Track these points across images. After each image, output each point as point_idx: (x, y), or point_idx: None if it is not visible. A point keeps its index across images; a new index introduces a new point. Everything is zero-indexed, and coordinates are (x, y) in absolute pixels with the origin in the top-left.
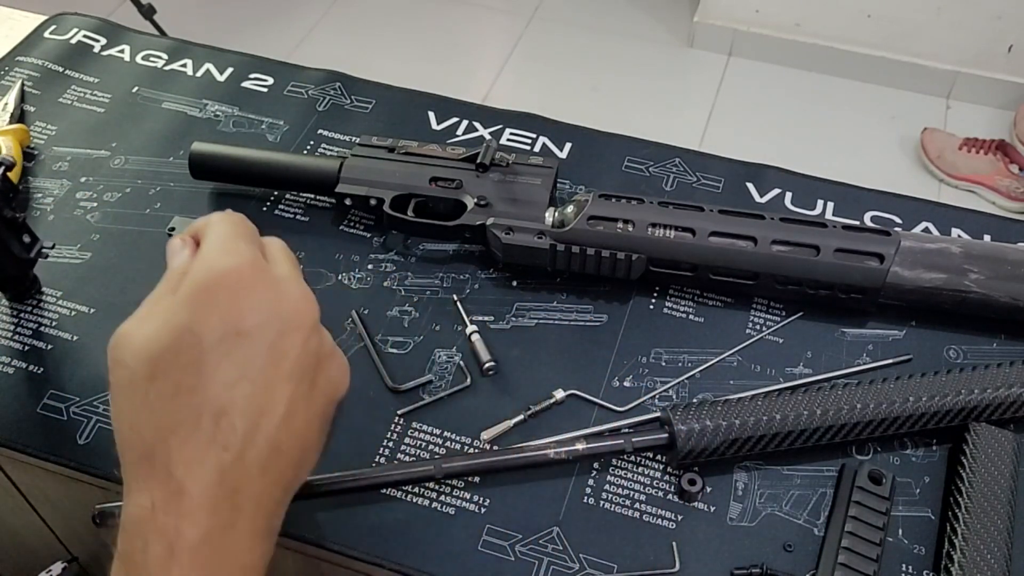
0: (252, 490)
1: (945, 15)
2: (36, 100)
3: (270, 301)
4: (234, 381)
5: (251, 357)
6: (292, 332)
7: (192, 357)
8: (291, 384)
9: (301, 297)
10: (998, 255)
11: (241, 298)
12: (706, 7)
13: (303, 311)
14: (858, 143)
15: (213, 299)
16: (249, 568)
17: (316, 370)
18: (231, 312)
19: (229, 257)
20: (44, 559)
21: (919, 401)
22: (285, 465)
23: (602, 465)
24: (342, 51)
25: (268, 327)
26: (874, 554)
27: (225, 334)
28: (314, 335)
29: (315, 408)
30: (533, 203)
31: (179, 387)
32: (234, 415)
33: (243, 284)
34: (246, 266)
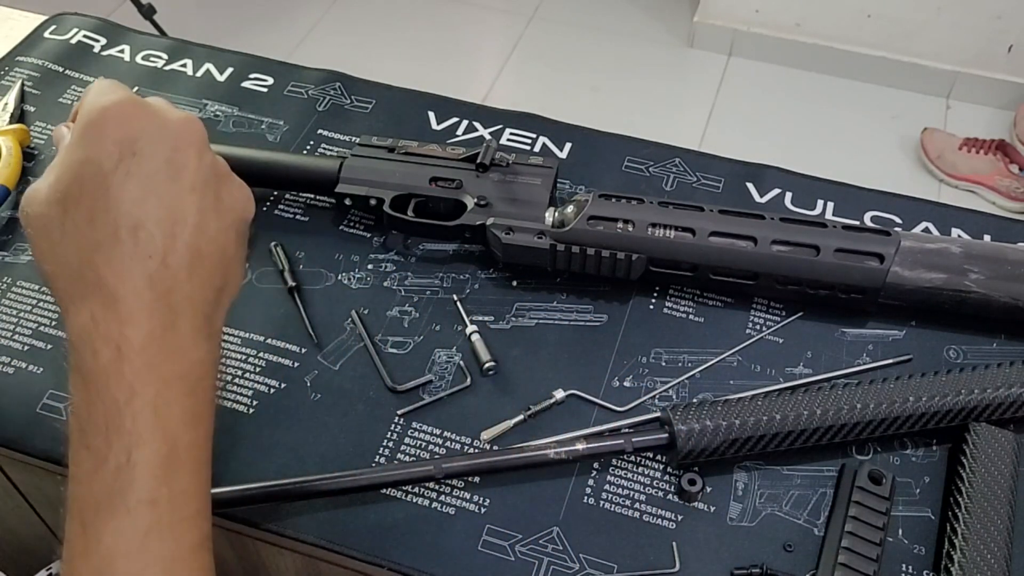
0: (183, 291)
1: (945, 15)
2: (36, 100)
3: (157, 124)
4: (141, 197)
5: (151, 173)
6: (184, 148)
7: (97, 183)
8: (196, 195)
9: (185, 118)
10: (998, 255)
11: (129, 124)
12: (706, 7)
13: (190, 129)
14: (858, 143)
15: (103, 131)
16: (199, 363)
17: (217, 184)
18: (123, 137)
19: (108, 96)
20: (44, 559)
21: (919, 401)
22: (211, 267)
23: (602, 465)
24: (342, 51)
25: (161, 145)
26: (874, 554)
27: (122, 156)
28: (206, 152)
29: (225, 220)
30: (533, 203)
31: (92, 212)
32: (150, 226)
33: (127, 113)
34: (126, 100)
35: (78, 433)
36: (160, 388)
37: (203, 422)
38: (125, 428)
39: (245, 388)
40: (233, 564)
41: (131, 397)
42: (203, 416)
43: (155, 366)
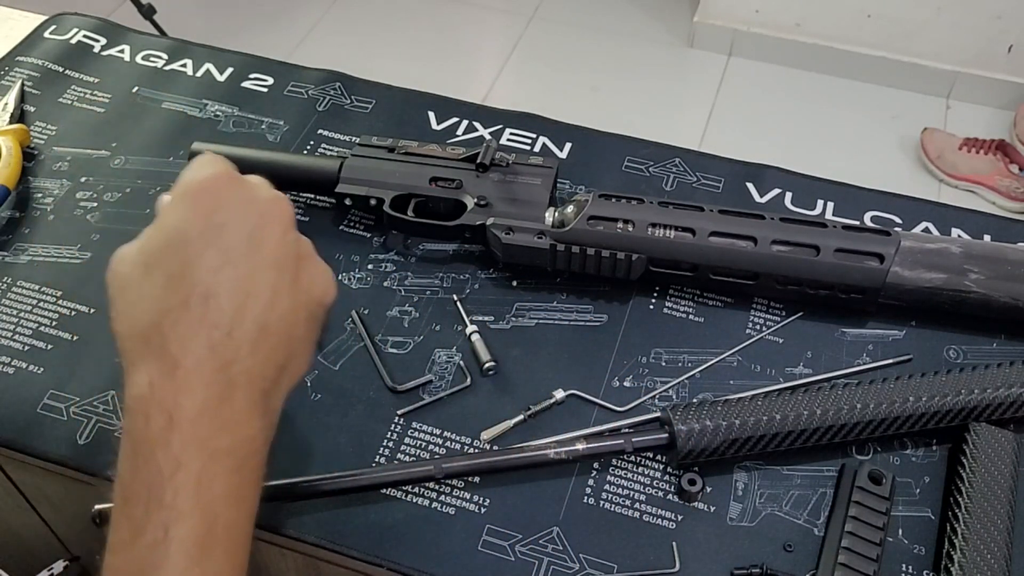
0: (244, 365)
1: (945, 15)
2: (36, 100)
3: (246, 199)
4: (218, 266)
5: (232, 245)
6: (269, 224)
7: (179, 249)
8: (273, 271)
9: (275, 197)
10: (998, 255)
11: (219, 197)
12: (706, 7)
13: (277, 207)
14: (858, 143)
15: (194, 202)
16: (248, 440)
17: (297, 264)
18: (211, 208)
19: (206, 170)
20: (44, 559)
21: (919, 401)
22: (275, 344)
23: (602, 465)
24: (342, 51)
25: (246, 219)
26: (874, 554)
27: (207, 227)
28: (291, 232)
29: (299, 299)
30: (533, 203)
31: (169, 276)
32: (221, 297)
33: (219, 187)
34: (222, 175)
35: (120, 501)
36: (206, 462)
37: (246, 501)
38: (165, 502)
39: None
40: None
41: (176, 470)
42: (247, 495)
43: (204, 439)
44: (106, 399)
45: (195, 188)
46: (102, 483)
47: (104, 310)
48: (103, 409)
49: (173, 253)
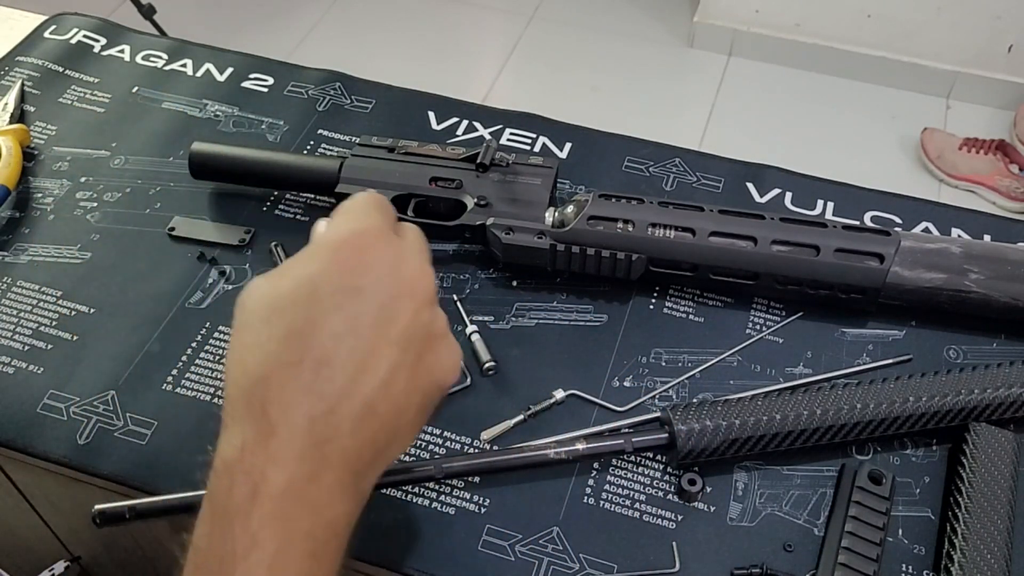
0: (341, 444)
1: (945, 15)
2: (36, 100)
3: (389, 264)
4: (341, 333)
5: (361, 314)
6: (405, 298)
7: (306, 304)
8: (396, 350)
9: (420, 269)
10: (998, 255)
11: (362, 257)
12: (706, 7)
13: (420, 281)
14: (858, 143)
15: (336, 255)
16: (331, 523)
17: (424, 344)
18: (351, 268)
19: (358, 222)
20: (44, 559)
21: (919, 401)
22: (378, 427)
23: (602, 465)
24: (342, 51)
25: (382, 288)
26: (874, 554)
27: (341, 287)
28: (427, 309)
29: (417, 382)
30: (533, 203)
31: (289, 329)
32: (335, 367)
33: (367, 245)
34: (373, 230)
35: (192, 567)
36: (282, 545)
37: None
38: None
39: None
40: None
41: (250, 548)
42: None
43: (285, 518)
44: (106, 399)
45: (342, 241)
46: (102, 483)
47: (104, 309)
48: (103, 409)
49: (300, 306)
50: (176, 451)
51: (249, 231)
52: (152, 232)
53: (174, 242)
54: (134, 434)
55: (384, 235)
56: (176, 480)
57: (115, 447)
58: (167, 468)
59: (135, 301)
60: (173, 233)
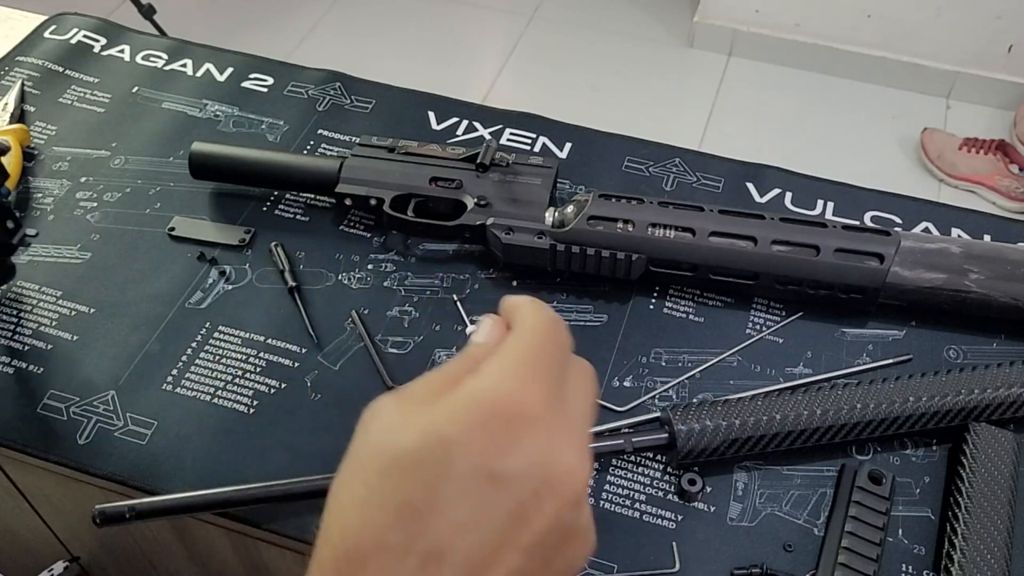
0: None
1: (945, 15)
2: (36, 100)
3: (542, 451)
4: (464, 525)
5: (494, 507)
6: (550, 498)
7: (432, 476)
8: (521, 557)
9: (577, 460)
10: (998, 255)
11: (513, 434)
12: (706, 7)
13: (572, 477)
14: (858, 143)
15: (482, 422)
16: None
17: (557, 549)
18: (495, 445)
19: (522, 384)
20: (44, 559)
21: (919, 401)
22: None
23: (602, 465)
24: (342, 51)
25: (526, 481)
26: (874, 554)
27: (478, 468)
28: (572, 508)
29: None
30: (533, 203)
31: (405, 501)
32: (445, 565)
33: (523, 420)
34: (536, 403)
35: None
36: None
37: None
38: None
39: (245, 388)
40: (234, 564)
41: None
42: None
43: None
44: (106, 399)
45: (493, 405)
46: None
47: (104, 309)
48: (103, 409)
49: (425, 476)
50: (176, 451)
51: (249, 231)
52: (152, 232)
53: (174, 242)
54: (134, 434)
55: (546, 408)
56: (176, 480)
57: (115, 447)
58: (167, 468)
59: (135, 301)
60: (173, 233)
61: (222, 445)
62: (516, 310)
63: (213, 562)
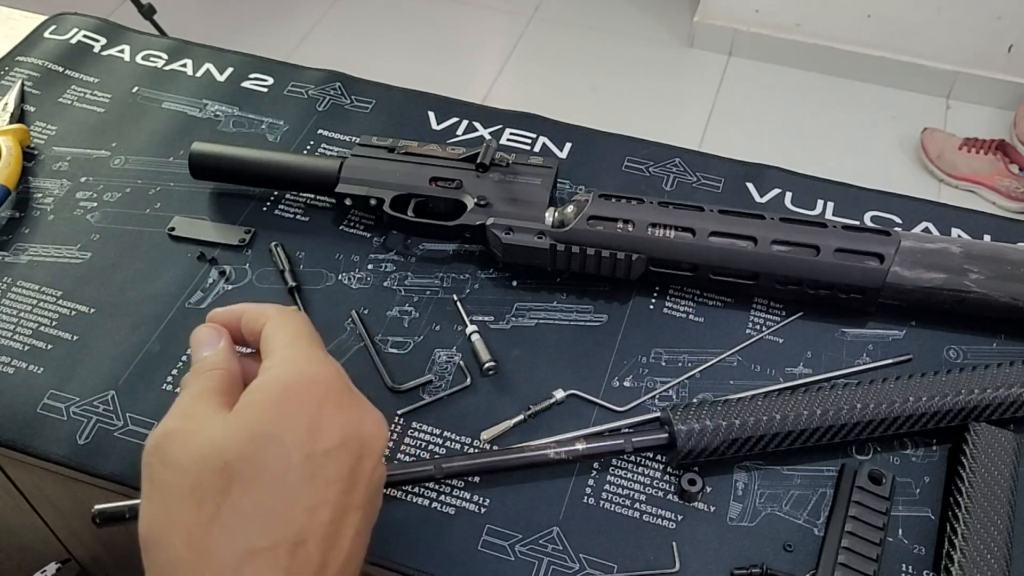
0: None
1: (945, 15)
2: (36, 100)
3: (354, 423)
4: (314, 506)
5: (331, 481)
6: (367, 457)
7: (278, 473)
8: (359, 514)
9: (379, 421)
10: (998, 255)
11: (327, 415)
12: (706, 7)
13: (378, 436)
14: (858, 143)
15: (300, 408)
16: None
17: (374, 499)
18: (316, 428)
19: (317, 365)
20: (44, 559)
21: (919, 401)
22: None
23: (602, 465)
24: (342, 51)
25: (349, 450)
26: (874, 554)
27: (312, 451)
28: (380, 464)
29: (365, 541)
30: (533, 203)
31: (259, 508)
32: (310, 545)
33: (330, 397)
34: (334, 377)
35: None
36: None
37: None
38: None
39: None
40: None
41: None
42: None
43: None
44: (106, 399)
45: (304, 389)
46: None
47: (104, 309)
48: (103, 409)
49: (269, 479)
50: None
51: (249, 231)
52: (152, 232)
53: (174, 242)
54: (134, 434)
55: (342, 382)
56: None
57: (115, 447)
58: None
59: (135, 301)
60: (173, 233)
61: None
62: (259, 314)
63: None
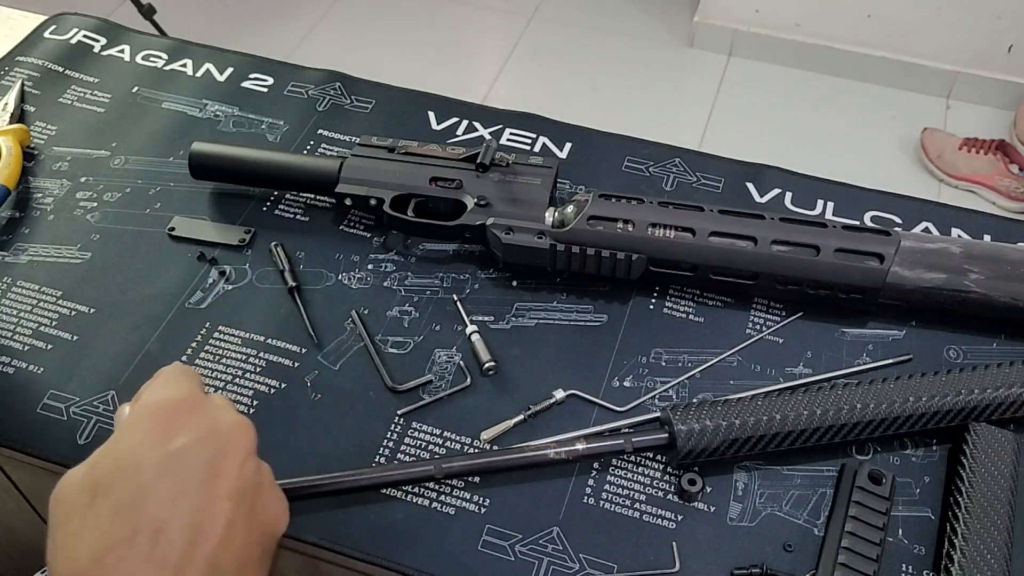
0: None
1: (945, 15)
2: (36, 100)
3: (207, 424)
4: (172, 497)
5: (189, 474)
6: (229, 453)
7: (131, 477)
8: (230, 504)
9: (237, 422)
10: (998, 255)
11: (179, 421)
12: (706, 7)
13: (239, 434)
14: (858, 143)
15: (152, 424)
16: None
17: (255, 495)
18: (170, 433)
19: (168, 389)
20: (44, 560)
21: (919, 401)
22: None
23: (602, 465)
24: (342, 51)
25: (205, 446)
26: (874, 554)
27: (164, 454)
28: (251, 460)
29: (254, 534)
30: (533, 203)
31: (117, 506)
32: (172, 532)
33: (181, 409)
34: (184, 395)
35: None
36: None
37: None
38: None
39: (245, 388)
40: None
41: None
42: None
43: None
44: (106, 399)
45: (154, 409)
46: None
47: (104, 309)
48: (103, 409)
49: (124, 480)
50: None
51: (249, 231)
52: (152, 232)
53: (174, 242)
54: None
55: (194, 397)
56: None
57: None
58: None
59: (135, 301)
60: (173, 233)
61: None
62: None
63: None
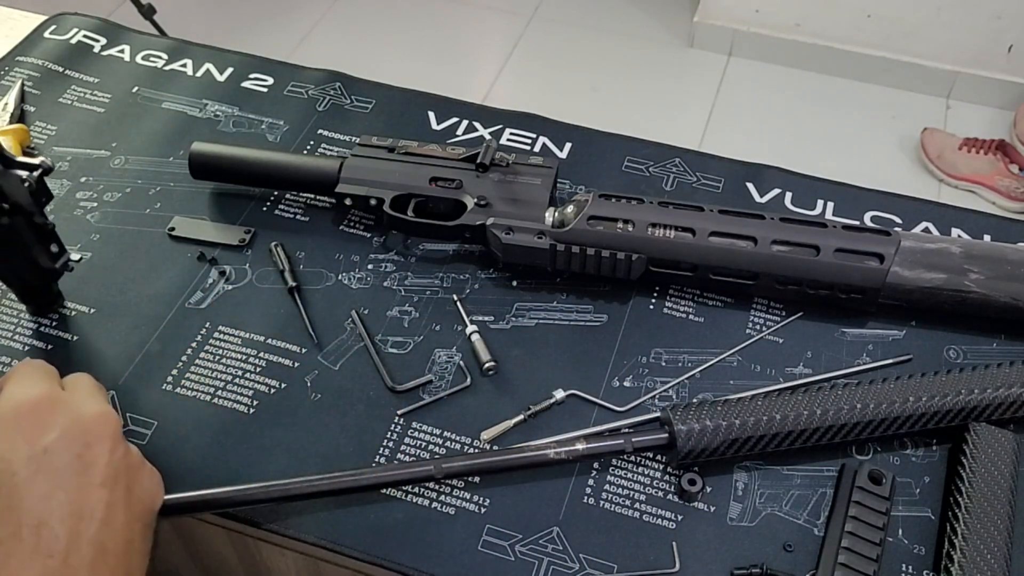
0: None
1: (945, 15)
2: (36, 100)
3: (70, 418)
4: (48, 493)
5: (61, 468)
6: (96, 443)
7: (6, 478)
8: (105, 489)
9: (100, 412)
10: (998, 255)
11: (42, 420)
12: (706, 7)
13: (103, 423)
14: (858, 143)
15: (17, 426)
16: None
17: (129, 476)
18: (35, 433)
19: (27, 390)
20: None
21: (919, 401)
22: (115, 563)
23: (602, 465)
24: (342, 51)
25: (72, 440)
26: (874, 554)
27: (33, 453)
28: (119, 445)
29: (134, 511)
30: (533, 203)
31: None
32: (53, 523)
33: (43, 409)
34: (44, 395)
35: None
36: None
37: None
38: None
39: (245, 388)
40: (234, 564)
41: None
42: None
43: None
44: None
45: (17, 412)
46: None
47: (104, 309)
48: None
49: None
50: (176, 451)
51: (249, 231)
52: (152, 232)
53: (174, 242)
54: (134, 434)
55: (54, 396)
56: (175, 480)
57: None
58: (167, 468)
59: (135, 301)
60: (173, 233)
61: (222, 445)
62: (4, 377)
63: (213, 562)
